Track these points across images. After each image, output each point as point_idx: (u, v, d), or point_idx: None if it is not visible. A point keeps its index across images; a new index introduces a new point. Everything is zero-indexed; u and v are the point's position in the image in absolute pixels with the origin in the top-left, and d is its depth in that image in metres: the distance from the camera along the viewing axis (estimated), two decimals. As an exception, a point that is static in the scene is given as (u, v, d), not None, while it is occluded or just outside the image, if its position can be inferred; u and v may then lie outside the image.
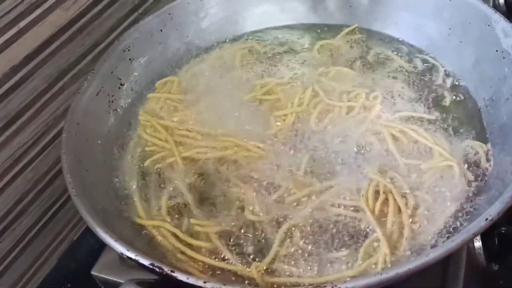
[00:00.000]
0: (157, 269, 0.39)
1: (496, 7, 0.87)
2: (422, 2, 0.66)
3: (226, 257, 0.49)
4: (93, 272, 0.56)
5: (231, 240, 0.50)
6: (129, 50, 0.65)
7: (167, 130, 0.61)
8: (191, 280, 0.38)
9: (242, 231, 0.51)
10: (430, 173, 0.52)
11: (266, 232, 0.50)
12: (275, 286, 0.46)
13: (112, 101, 0.62)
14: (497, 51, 0.57)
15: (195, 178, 0.56)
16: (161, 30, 0.68)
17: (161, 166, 0.57)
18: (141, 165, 0.58)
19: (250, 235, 0.51)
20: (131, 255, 0.41)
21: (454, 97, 0.61)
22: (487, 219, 0.39)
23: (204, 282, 0.38)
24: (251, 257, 0.49)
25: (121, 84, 0.64)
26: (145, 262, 0.40)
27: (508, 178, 0.45)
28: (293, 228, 0.50)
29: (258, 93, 0.64)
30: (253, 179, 0.55)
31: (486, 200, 0.49)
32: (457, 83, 0.62)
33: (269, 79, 0.66)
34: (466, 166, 0.53)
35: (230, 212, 0.53)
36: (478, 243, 0.58)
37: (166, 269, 0.39)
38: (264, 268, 0.47)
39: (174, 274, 0.39)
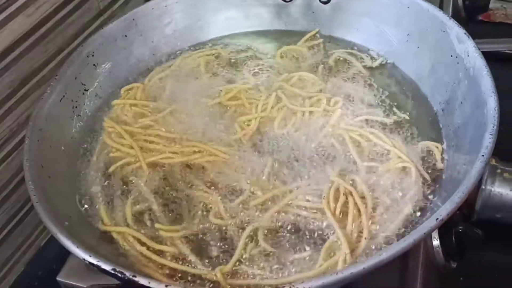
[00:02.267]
0: (119, 274, 0.40)
1: (456, 11, 0.91)
2: (382, 9, 0.68)
3: (191, 261, 0.50)
4: (59, 278, 0.56)
5: (196, 244, 0.51)
6: (93, 55, 0.65)
7: (132, 136, 0.61)
8: (152, 284, 0.39)
9: (207, 235, 0.52)
10: (388, 175, 0.54)
11: (230, 235, 0.51)
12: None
13: (76, 107, 0.62)
14: (451, 56, 0.59)
15: (160, 183, 0.56)
16: (126, 36, 0.68)
17: (126, 172, 0.58)
18: (106, 171, 0.58)
19: (215, 239, 0.51)
20: (93, 260, 0.41)
21: (412, 100, 0.63)
22: (437, 219, 0.41)
23: (166, 286, 0.39)
24: (216, 260, 0.50)
25: (85, 90, 0.64)
26: (107, 267, 0.40)
27: (460, 179, 0.47)
28: (257, 231, 0.51)
29: (223, 98, 0.64)
30: (218, 184, 0.56)
31: (441, 200, 0.51)
32: (414, 87, 0.65)
33: (234, 85, 0.67)
34: (422, 167, 0.55)
35: (195, 216, 0.53)
36: (436, 242, 0.60)
37: (128, 274, 0.40)
38: (228, 270, 0.48)
39: (135, 279, 0.39)
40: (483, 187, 0.62)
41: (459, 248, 0.61)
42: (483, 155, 0.45)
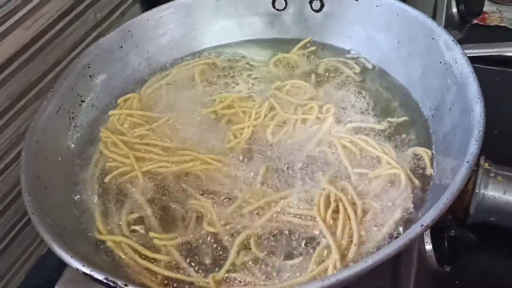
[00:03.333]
0: (112, 284, 0.41)
1: (449, 16, 0.91)
2: (373, 16, 0.69)
3: (184, 269, 0.50)
4: (57, 287, 0.57)
5: (189, 252, 0.52)
6: (89, 67, 0.66)
7: (127, 145, 0.62)
8: (144, 293, 0.40)
9: (200, 242, 0.53)
10: (377, 181, 0.55)
11: (223, 242, 0.52)
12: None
13: (73, 118, 0.63)
14: (440, 63, 0.60)
15: (154, 192, 0.57)
16: (121, 47, 0.69)
17: (121, 181, 0.59)
18: (102, 181, 0.59)
19: (208, 246, 0.52)
20: (86, 270, 0.42)
21: (403, 106, 0.64)
22: (422, 225, 0.41)
23: (157, 294, 0.40)
24: (209, 267, 0.50)
25: (81, 101, 0.65)
26: (99, 276, 0.41)
27: (447, 185, 0.47)
28: (249, 238, 0.52)
29: (217, 107, 0.65)
30: (212, 191, 0.57)
31: (429, 206, 0.51)
32: (405, 92, 0.65)
33: (228, 94, 0.68)
34: (412, 172, 0.56)
35: (189, 224, 0.54)
36: (429, 246, 0.61)
37: (120, 283, 0.41)
38: (221, 278, 0.49)
39: (128, 288, 0.40)
40: (477, 191, 0.62)
41: (452, 252, 0.62)
42: (468, 161, 0.46)
